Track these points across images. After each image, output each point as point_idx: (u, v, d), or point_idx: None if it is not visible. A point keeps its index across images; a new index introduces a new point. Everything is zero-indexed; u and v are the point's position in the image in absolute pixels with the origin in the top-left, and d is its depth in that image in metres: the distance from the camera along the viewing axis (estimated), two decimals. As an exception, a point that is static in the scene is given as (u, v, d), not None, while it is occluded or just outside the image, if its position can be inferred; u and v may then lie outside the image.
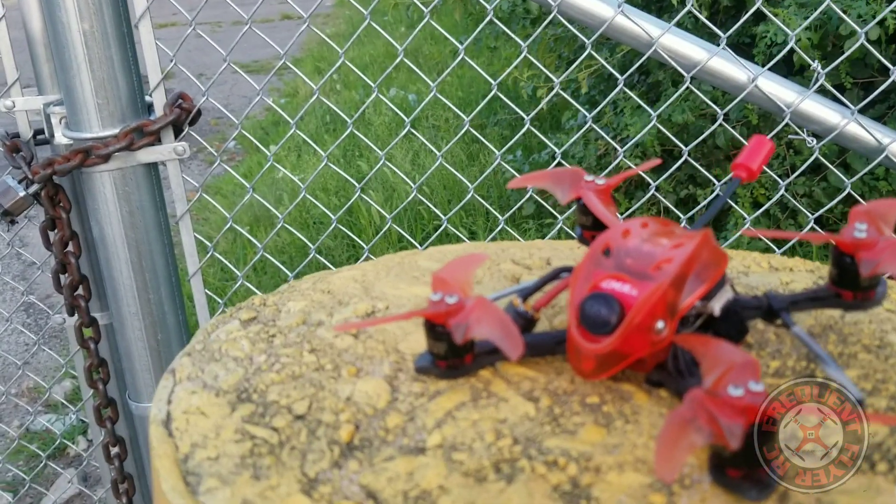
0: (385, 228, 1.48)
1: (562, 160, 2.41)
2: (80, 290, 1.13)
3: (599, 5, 1.11)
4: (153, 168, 1.07)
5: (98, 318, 1.17)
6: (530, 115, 1.24)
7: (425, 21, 1.20)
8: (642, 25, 1.10)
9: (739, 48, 1.98)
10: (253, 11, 1.15)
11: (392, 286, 0.60)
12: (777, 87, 1.13)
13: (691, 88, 1.34)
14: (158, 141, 1.05)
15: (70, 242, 1.10)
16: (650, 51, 1.11)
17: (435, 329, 0.45)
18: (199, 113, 1.09)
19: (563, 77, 1.35)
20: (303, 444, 0.42)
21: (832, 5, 1.14)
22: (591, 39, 1.14)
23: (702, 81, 1.27)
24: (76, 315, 1.14)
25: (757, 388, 0.35)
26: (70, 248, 1.10)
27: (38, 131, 1.12)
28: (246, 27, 1.14)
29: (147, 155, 1.04)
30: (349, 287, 0.60)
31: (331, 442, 0.43)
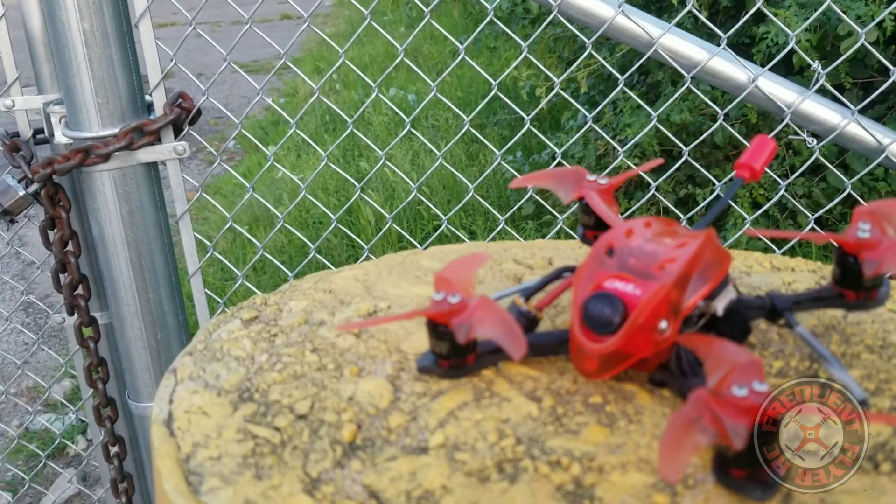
0: (385, 228, 1.48)
1: (562, 160, 2.41)
2: (80, 290, 1.13)
3: (600, 5, 1.11)
4: (153, 167, 1.07)
5: (98, 318, 1.16)
6: (530, 115, 1.24)
7: (425, 21, 1.20)
8: (642, 25, 1.10)
9: (739, 48, 1.98)
10: (253, 11, 1.15)
11: (394, 286, 0.60)
12: (777, 87, 1.13)
13: (691, 88, 1.34)
14: (158, 140, 1.05)
15: (70, 242, 1.10)
16: (650, 51, 1.11)
17: (437, 329, 0.45)
18: (198, 112, 1.09)
19: (563, 77, 1.35)
20: (305, 444, 0.42)
21: (832, 6, 1.14)
22: (592, 39, 1.14)
23: (701, 81, 1.27)
24: (76, 314, 1.14)
25: (761, 388, 0.35)
26: (70, 247, 1.10)
27: (38, 130, 1.12)
28: (246, 27, 1.14)
29: (147, 154, 1.04)
30: (351, 286, 0.60)
31: (333, 442, 0.42)
